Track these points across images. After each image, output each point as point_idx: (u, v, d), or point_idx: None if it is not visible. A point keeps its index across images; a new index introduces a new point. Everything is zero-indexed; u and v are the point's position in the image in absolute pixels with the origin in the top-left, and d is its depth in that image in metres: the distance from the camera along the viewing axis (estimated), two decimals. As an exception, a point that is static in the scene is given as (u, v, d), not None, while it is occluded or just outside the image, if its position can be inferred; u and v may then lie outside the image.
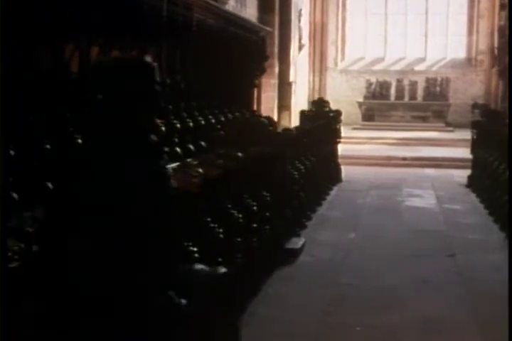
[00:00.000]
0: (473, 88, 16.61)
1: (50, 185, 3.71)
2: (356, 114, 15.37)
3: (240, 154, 4.17)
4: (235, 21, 7.57)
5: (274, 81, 11.26)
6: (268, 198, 4.62)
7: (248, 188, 4.29)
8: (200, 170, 3.36)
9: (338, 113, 9.22)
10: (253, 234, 4.23)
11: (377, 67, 17.18)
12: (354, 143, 12.41)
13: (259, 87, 10.08)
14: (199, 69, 6.52)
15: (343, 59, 17.33)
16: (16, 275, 1.93)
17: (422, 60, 17.20)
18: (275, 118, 11.44)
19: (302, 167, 6.26)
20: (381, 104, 15.78)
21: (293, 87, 11.98)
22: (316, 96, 16.32)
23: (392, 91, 16.11)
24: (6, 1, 3.15)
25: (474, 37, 16.76)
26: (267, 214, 4.61)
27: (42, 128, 3.87)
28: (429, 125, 15.26)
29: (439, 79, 15.97)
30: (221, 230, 3.48)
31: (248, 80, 8.77)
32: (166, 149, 5.31)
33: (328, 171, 8.48)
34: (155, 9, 5.28)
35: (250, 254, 4.12)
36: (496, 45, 15.16)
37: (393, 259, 5.25)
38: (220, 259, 3.46)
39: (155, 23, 5.36)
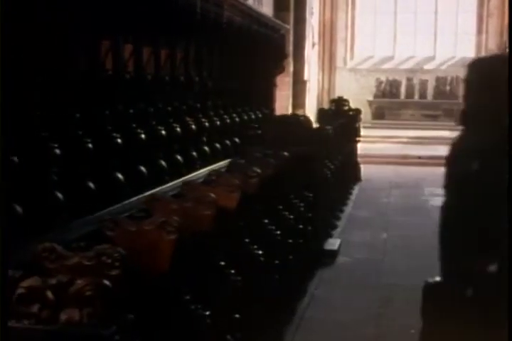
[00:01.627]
0: (483, 87, 16.52)
1: (91, 184, 3.65)
2: (366, 112, 15.28)
3: (286, 154, 4.10)
4: (259, 19, 7.49)
5: (289, 79, 11.18)
6: (310, 198, 4.55)
7: (294, 189, 4.22)
8: (258, 170, 3.29)
9: (357, 111, 9.16)
10: (300, 236, 4.16)
11: (387, 65, 17.11)
12: (367, 141, 12.33)
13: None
14: (223, 67, 6.47)
15: (352, 57, 17.25)
16: (116, 283, 1.85)
17: (432, 58, 17.13)
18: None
19: (333, 166, 6.20)
20: (392, 102, 15.73)
21: (307, 85, 11.91)
22: (326, 95, 16.28)
23: (402, 89, 16.06)
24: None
25: (484, 36, 16.70)
26: (309, 214, 4.54)
27: (83, 128, 3.80)
28: (440, 124, 15.19)
29: (449, 78, 15.92)
30: (278, 232, 3.41)
31: (268, 78, 8.72)
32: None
33: (349, 170, 8.42)
34: (190, 6, 5.20)
35: (298, 256, 4.05)
36: (507, 44, 15.09)
37: (433, 259, 5.17)
38: (276, 261, 3.40)
39: (189, 19, 5.29)
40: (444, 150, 9.80)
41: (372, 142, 12.68)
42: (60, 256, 1.77)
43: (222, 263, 2.54)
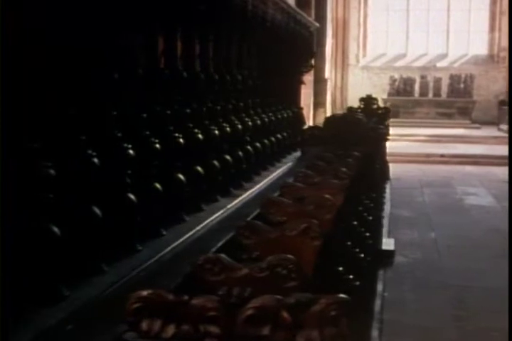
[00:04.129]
0: (495, 85, 16.53)
1: (158, 186, 3.58)
2: (380, 110, 15.23)
3: (357, 153, 4.04)
4: (295, 17, 7.42)
5: (310, 77, 11.10)
6: (375, 198, 4.50)
7: (364, 189, 4.17)
8: (348, 171, 3.23)
9: (387, 110, 9.10)
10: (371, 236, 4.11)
11: (399, 63, 17.06)
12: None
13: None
14: (259, 65, 6.41)
15: (364, 55, 17.20)
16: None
17: (444, 56, 17.10)
18: (311, 115, 11.33)
19: (378, 166, 6.15)
20: (406, 100, 15.68)
21: (328, 83, 11.85)
22: (339, 93, 16.21)
23: (416, 87, 16.01)
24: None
25: (496, 33, 16.67)
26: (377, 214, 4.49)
27: (149, 128, 3.72)
28: (455, 122, 15.17)
29: (463, 76, 15.88)
30: (367, 234, 3.36)
31: (296, 76, 8.67)
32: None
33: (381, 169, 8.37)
34: (243, 3, 5.14)
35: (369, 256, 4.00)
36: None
37: (489, 259, 5.13)
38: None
39: (241, 17, 5.23)
40: (464, 149, 9.80)
41: (389, 140, 12.63)
42: (225, 267, 1.69)
43: (341, 268, 2.48)
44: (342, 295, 1.26)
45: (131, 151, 3.35)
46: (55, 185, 2.51)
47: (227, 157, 4.98)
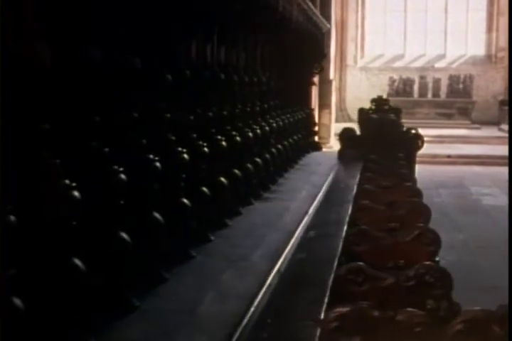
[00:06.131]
0: (494, 85, 16.58)
1: (206, 190, 3.52)
2: (380, 111, 15.22)
3: (401, 155, 4.02)
4: (312, 17, 7.39)
5: (316, 78, 11.06)
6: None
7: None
8: (410, 173, 3.19)
9: (398, 111, 9.06)
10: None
11: (397, 64, 17.08)
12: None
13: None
14: (277, 66, 6.38)
15: (362, 56, 17.20)
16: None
17: (442, 56, 17.14)
18: (316, 116, 11.29)
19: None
20: (405, 101, 15.67)
21: (333, 84, 11.82)
22: (337, 94, 16.20)
23: (416, 88, 16.03)
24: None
25: (494, 34, 16.74)
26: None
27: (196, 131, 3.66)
28: (455, 122, 15.21)
29: (462, 76, 15.93)
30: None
31: (308, 78, 8.65)
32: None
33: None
34: (276, 4, 5.09)
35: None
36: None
37: (524, 261, 5.12)
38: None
39: (271, 18, 5.18)
40: (469, 149, 9.79)
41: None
42: (369, 277, 1.64)
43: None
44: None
45: (185, 155, 3.29)
46: (126, 191, 2.45)
47: (258, 159, 4.94)
